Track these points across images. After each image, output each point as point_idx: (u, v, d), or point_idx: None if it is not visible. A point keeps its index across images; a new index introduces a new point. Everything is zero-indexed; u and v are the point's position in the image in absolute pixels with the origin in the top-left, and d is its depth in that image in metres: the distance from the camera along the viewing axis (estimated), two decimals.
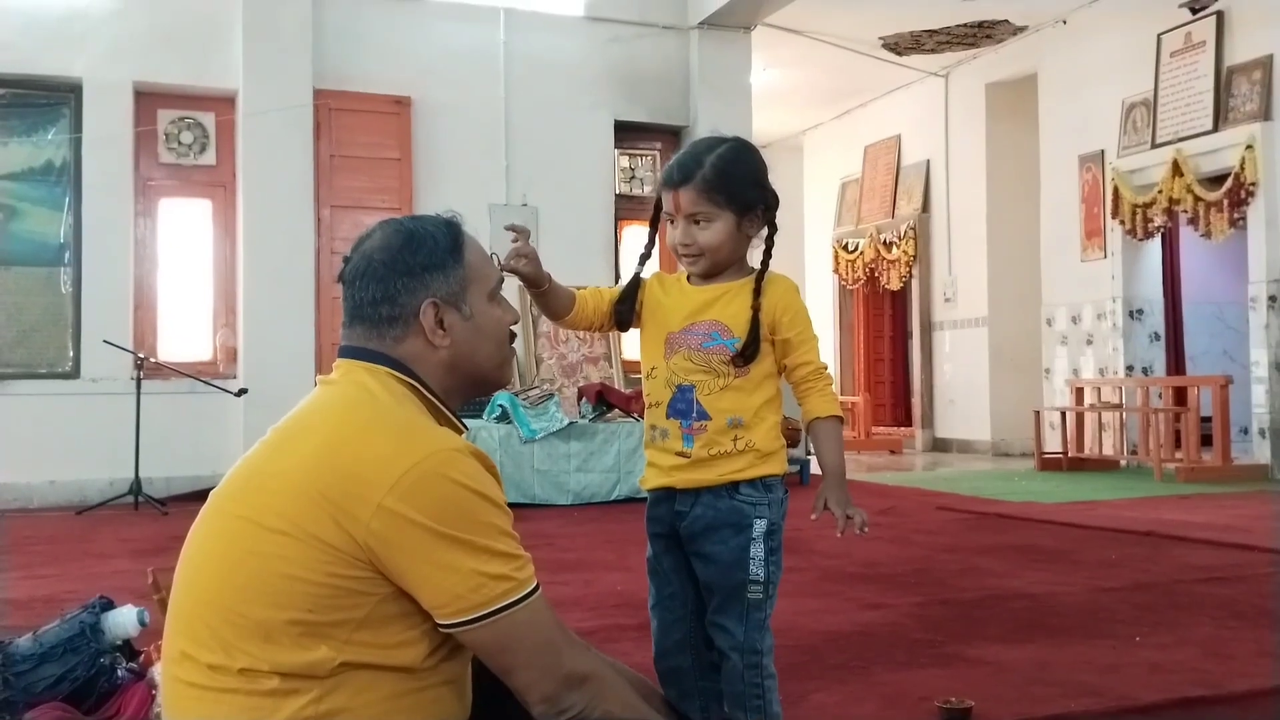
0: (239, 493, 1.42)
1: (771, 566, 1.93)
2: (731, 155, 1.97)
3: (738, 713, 1.92)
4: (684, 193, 1.94)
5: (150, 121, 7.75)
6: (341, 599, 1.33)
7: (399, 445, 1.36)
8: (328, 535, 1.33)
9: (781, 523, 1.96)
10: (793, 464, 8.19)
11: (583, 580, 4.28)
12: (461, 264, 1.54)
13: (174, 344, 7.81)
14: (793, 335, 1.97)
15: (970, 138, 11.28)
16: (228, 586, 1.35)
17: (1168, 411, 8.61)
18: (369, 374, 1.48)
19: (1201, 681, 2.75)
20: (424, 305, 1.50)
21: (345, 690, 1.34)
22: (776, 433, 1.97)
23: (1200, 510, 6.28)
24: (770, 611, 1.94)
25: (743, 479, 1.92)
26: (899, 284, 12.21)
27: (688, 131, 9.01)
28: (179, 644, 1.39)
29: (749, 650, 1.90)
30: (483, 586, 1.34)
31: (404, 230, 1.54)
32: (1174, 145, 8.73)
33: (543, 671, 1.39)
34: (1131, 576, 4.22)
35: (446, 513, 1.34)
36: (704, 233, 1.95)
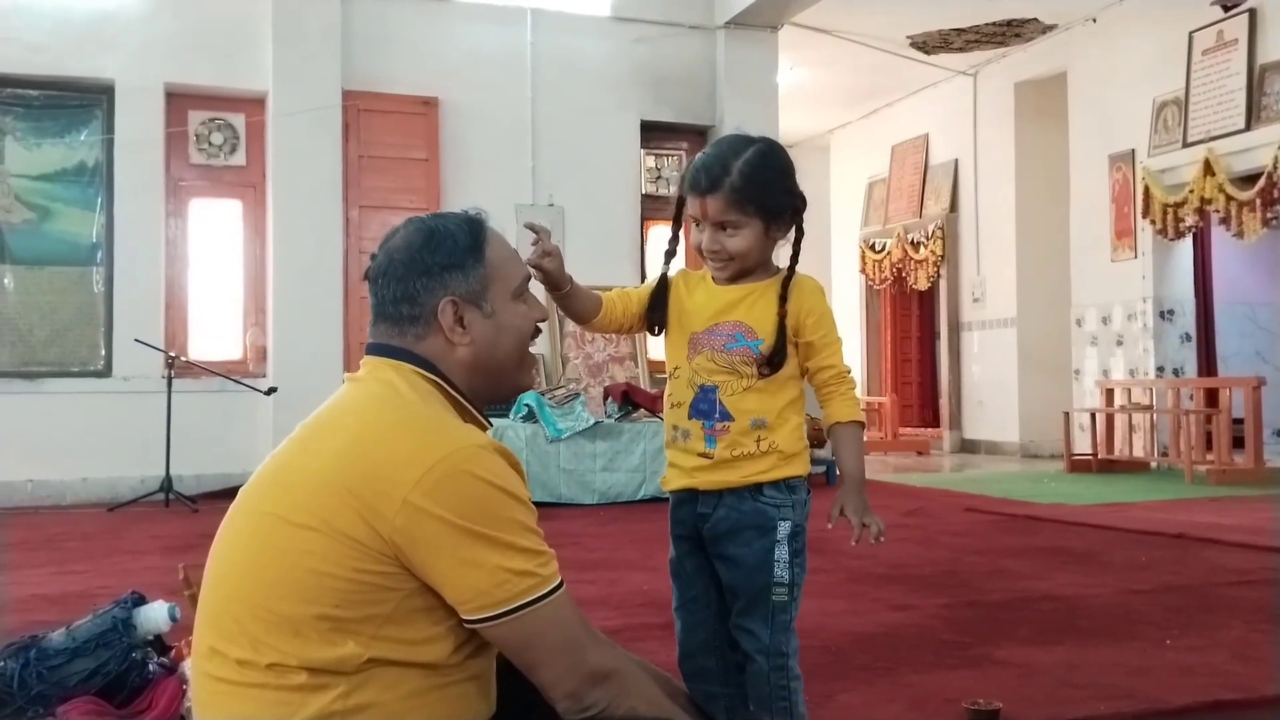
0: (267, 489, 1.44)
1: (796, 569, 1.92)
2: (759, 160, 1.92)
3: (764, 715, 1.92)
4: (711, 200, 1.91)
5: (181, 123, 7.82)
6: (368, 594, 1.34)
7: (424, 442, 1.37)
8: (355, 531, 1.34)
9: (805, 524, 1.95)
10: (818, 464, 8.17)
11: (608, 579, 4.29)
12: (482, 262, 1.54)
13: (204, 343, 7.88)
14: (816, 338, 1.95)
15: (999, 137, 11.21)
16: (256, 582, 1.37)
17: (1199, 413, 8.52)
18: (395, 371, 1.49)
19: (1232, 685, 2.72)
20: (443, 304, 1.50)
21: (372, 686, 1.35)
22: (800, 434, 1.96)
23: (1232, 513, 6.22)
24: (795, 613, 1.93)
25: (766, 480, 1.91)
26: (927, 284, 12.15)
27: (714, 131, 8.99)
28: (208, 639, 1.40)
29: (775, 653, 1.89)
30: (506, 583, 1.35)
31: (425, 229, 1.55)
32: (1206, 144, 8.64)
33: (566, 668, 1.39)
34: (1161, 579, 4.18)
35: (471, 509, 1.34)
36: (732, 240, 1.93)
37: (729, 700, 2.00)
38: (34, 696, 2.43)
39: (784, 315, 1.92)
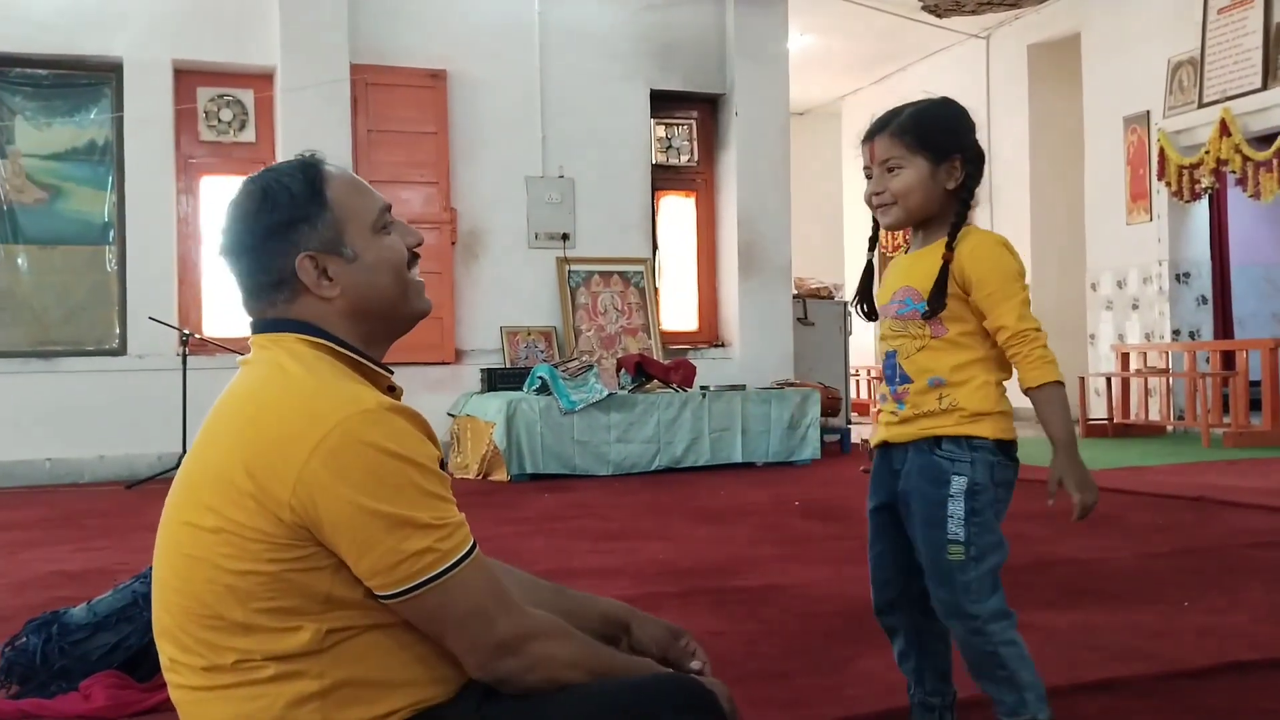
0: (179, 495, 1.40)
1: (973, 528, 1.84)
2: (930, 105, 1.96)
3: (985, 684, 1.88)
4: (878, 140, 1.92)
5: (190, 100, 7.80)
6: (296, 580, 1.30)
7: (310, 415, 1.30)
8: (259, 523, 1.29)
9: (988, 486, 1.86)
10: (832, 433, 8.17)
11: (625, 549, 4.30)
12: (326, 206, 1.44)
13: (218, 320, 7.90)
14: (982, 296, 1.86)
15: (1012, 101, 11.11)
16: (188, 596, 1.33)
17: (1215, 376, 8.48)
18: (277, 344, 1.42)
19: (1253, 645, 2.71)
20: (299, 261, 1.42)
21: (343, 661, 1.32)
22: (991, 394, 1.87)
23: (1249, 475, 6.19)
24: (980, 576, 1.84)
25: (945, 434, 1.87)
26: None
27: (724, 100, 8.93)
28: (168, 653, 1.38)
29: (964, 615, 1.85)
30: (403, 563, 1.29)
31: (257, 190, 1.45)
32: (1221, 104, 8.54)
33: (473, 641, 1.34)
34: (1180, 541, 4.17)
35: (364, 481, 1.28)
36: (895, 179, 1.90)
37: (918, 664, 1.99)
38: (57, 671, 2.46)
39: (947, 261, 1.86)
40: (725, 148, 8.97)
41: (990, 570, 1.85)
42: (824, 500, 5.71)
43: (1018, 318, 1.84)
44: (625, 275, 8.50)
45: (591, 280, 8.38)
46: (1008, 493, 1.91)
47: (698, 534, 4.74)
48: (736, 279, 8.76)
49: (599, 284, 8.40)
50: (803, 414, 7.52)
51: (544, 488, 6.34)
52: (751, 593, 3.49)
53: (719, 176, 9.07)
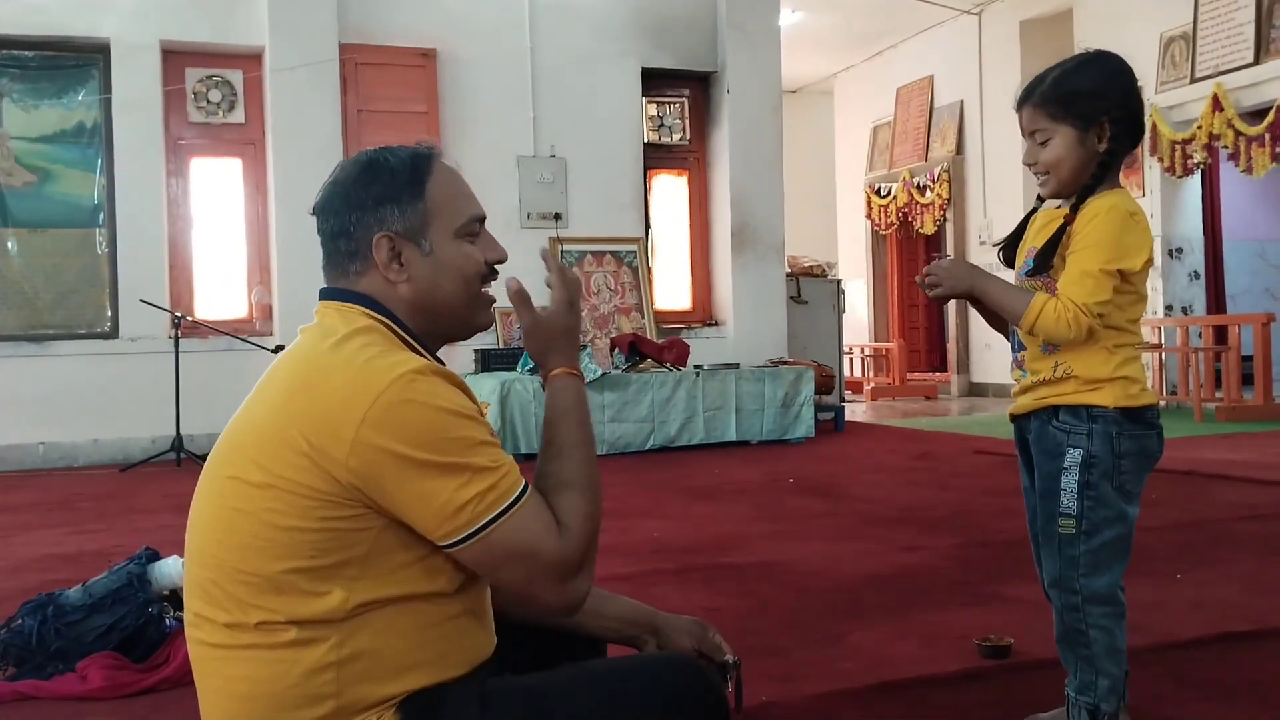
0: (225, 453, 1.42)
1: (1087, 502, 1.81)
2: (1075, 66, 1.88)
3: (1064, 652, 1.89)
4: (1024, 111, 1.89)
5: (178, 81, 7.76)
6: (340, 539, 1.33)
7: (361, 378, 1.34)
8: (312, 481, 1.32)
9: (1110, 458, 1.81)
10: (826, 411, 8.19)
11: (620, 528, 4.31)
12: (421, 197, 1.47)
13: (210, 302, 7.88)
14: (1068, 255, 1.82)
15: (1005, 77, 11.07)
16: (227, 548, 1.36)
17: (1208, 351, 8.50)
18: (339, 314, 1.46)
19: (1244, 617, 2.74)
20: (377, 239, 1.46)
21: (365, 632, 1.34)
22: (1109, 360, 1.82)
23: (1242, 449, 6.22)
24: (1090, 551, 1.81)
25: (1063, 404, 1.85)
26: (933, 228, 12.07)
27: (716, 78, 8.90)
28: (194, 607, 1.40)
29: (1065, 589, 1.84)
30: (466, 506, 1.33)
31: (364, 161, 1.51)
32: (1214, 79, 8.53)
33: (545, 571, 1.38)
34: (1172, 515, 4.19)
35: (418, 437, 1.32)
36: (1046, 151, 1.87)
37: None
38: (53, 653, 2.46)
39: (1068, 222, 1.83)
40: (717, 126, 8.94)
41: (1103, 546, 1.82)
42: (818, 478, 5.73)
43: (1068, 281, 1.80)
44: (618, 255, 8.49)
45: (584, 260, 8.37)
46: (1141, 462, 1.84)
47: (692, 512, 4.75)
48: (729, 257, 8.75)
49: (592, 264, 8.39)
50: (797, 392, 7.53)
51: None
52: (746, 569, 3.51)
53: (711, 155, 9.05)
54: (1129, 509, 1.85)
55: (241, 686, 1.35)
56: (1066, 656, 1.88)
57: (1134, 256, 1.80)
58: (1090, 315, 1.78)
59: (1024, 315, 1.82)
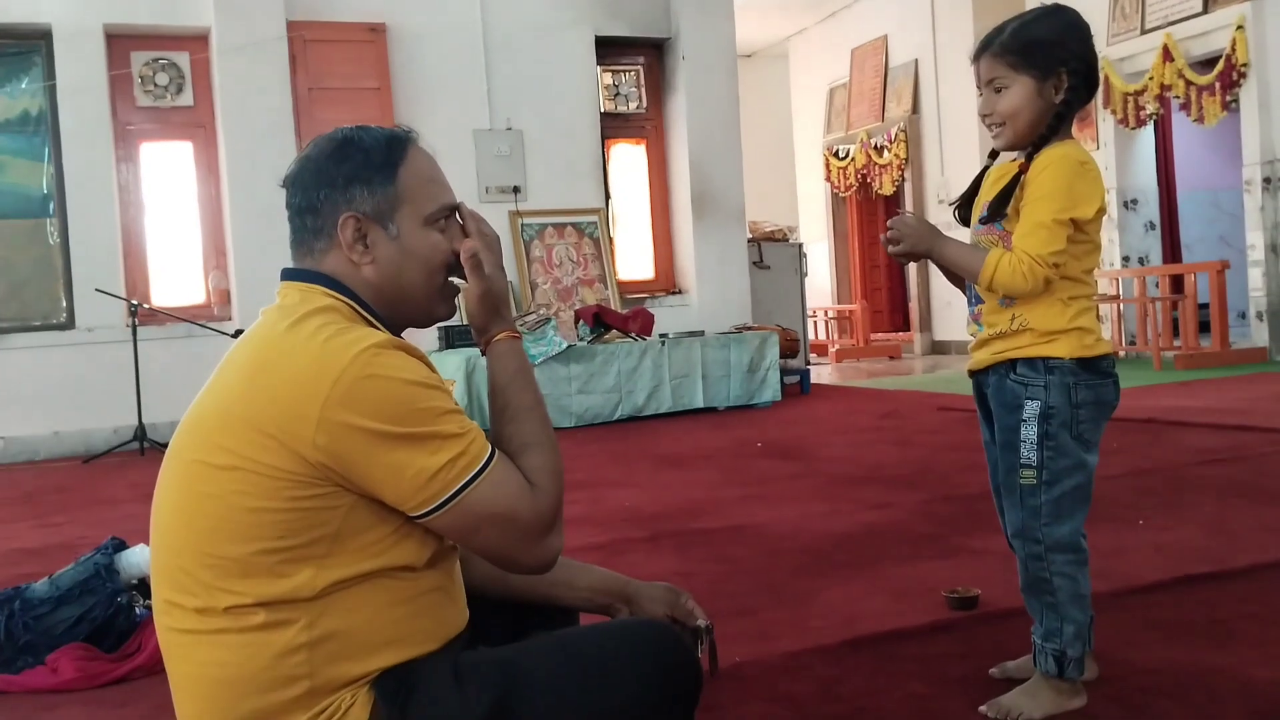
0: (188, 436, 1.41)
1: (1047, 453, 1.83)
2: (1033, 17, 1.89)
3: (1030, 601, 1.91)
4: (983, 60, 1.89)
5: (124, 65, 7.61)
6: (309, 518, 1.33)
7: (323, 355, 1.33)
8: (278, 460, 1.31)
9: (1067, 408, 1.84)
10: (791, 374, 8.23)
11: (591, 498, 4.32)
12: (393, 180, 1.46)
13: (166, 289, 7.78)
14: (1022, 206, 1.83)
15: (958, 33, 11.10)
16: (194, 532, 1.35)
17: (1165, 300, 8.61)
18: (300, 294, 1.45)
19: (1204, 558, 2.79)
20: (343, 218, 1.44)
21: (334, 612, 1.34)
22: (1064, 311, 1.85)
23: (1200, 395, 6.32)
24: (1052, 500, 1.84)
25: (1020, 357, 1.87)
26: (892, 189, 12.12)
27: (670, 44, 8.86)
28: (163, 593, 1.39)
29: (1029, 539, 1.86)
30: (438, 474, 1.33)
31: (340, 138, 1.49)
32: (1164, 30, 8.60)
33: (521, 532, 1.39)
34: (1132, 463, 4.25)
35: (384, 410, 1.32)
36: (1002, 100, 1.87)
37: None
38: (22, 647, 2.44)
39: (1022, 171, 1.84)
40: (673, 93, 8.90)
41: (1064, 495, 1.85)
42: (785, 441, 5.76)
43: (1021, 234, 1.82)
44: (579, 226, 8.46)
45: (545, 233, 8.33)
46: (1098, 411, 1.87)
47: (662, 480, 4.77)
48: (691, 225, 8.74)
49: (553, 236, 8.36)
50: (762, 357, 7.56)
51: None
52: (717, 534, 3.53)
53: (668, 122, 9.02)
54: (1088, 457, 1.88)
55: (213, 671, 1.34)
56: (1032, 605, 1.91)
57: (1085, 205, 1.82)
58: (1045, 266, 1.80)
59: (981, 272, 1.84)
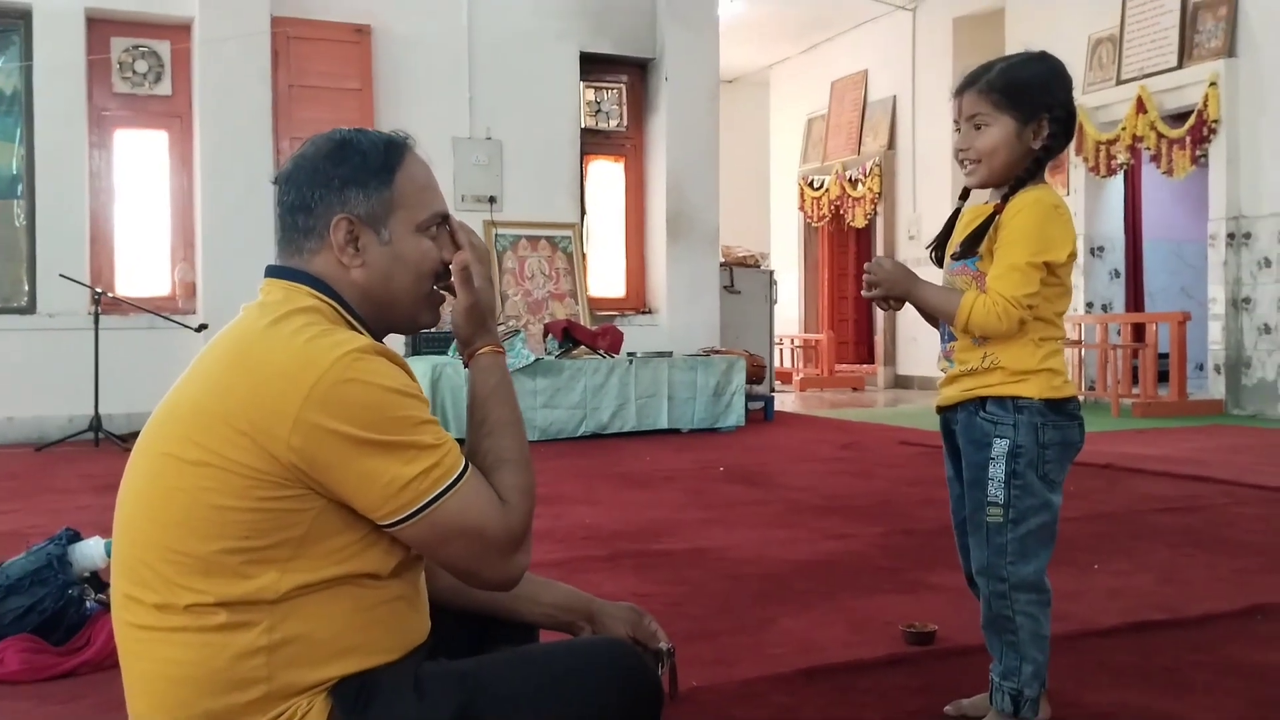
0: (159, 428, 1.39)
1: (1014, 491, 1.84)
2: (1021, 61, 1.92)
3: (991, 636, 1.91)
4: (967, 95, 1.90)
5: (103, 50, 7.54)
6: (277, 520, 1.31)
7: (304, 357, 1.32)
8: (250, 459, 1.30)
9: (1035, 449, 1.85)
10: (756, 400, 8.26)
11: (552, 514, 4.30)
12: (389, 185, 1.46)
13: (132, 278, 7.68)
14: (996, 248, 1.86)
15: (937, 73, 11.23)
16: (159, 525, 1.33)
17: (1126, 347, 8.73)
18: (284, 293, 1.44)
19: (1159, 606, 2.82)
20: (336, 220, 1.44)
21: (296, 616, 1.33)
22: (1035, 352, 1.87)
23: (1157, 443, 6.41)
24: (1018, 539, 1.85)
25: (989, 395, 1.88)
26: (864, 222, 12.22)
27: (654, 64, 8.90)
28: (122, 588, 1.37)
29: (993, 576, 1.87)
30: (411, 484, 1.33)
31: (338, 139, 1.49)
32: (1138, 81, 8.75)
33: (488, 546, 1.38)
34: (1090, 507, 4.30)
35: (363, 415, 1.31)
36: (981, 137, 1.89)
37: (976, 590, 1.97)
38: None
39: (997, 211, 1.86)
40: (655, 113, 8.94)
41: (1030, 534, 1.86)
42: (748, 466, 5.78)
43: (995, 276, 1.84)
44: (553, 240, 8.45)
45: (519, 244, 8.33)
46: (1064, 452, 1.89)
47: (624, 499, 4.77)
48: (664, 246, 8.76)
49: (526, 248, 8.35)
50: (728, 381, 7.58)
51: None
52: (677, 556, 3.53)
53: (648, 142, 9.05)
54: (1053, 497, 1.90)
55: (169, 669, 1.32)
56: (992, 642, 1.92)
57: (1058, 249, 1.85)
58: (1020, 307, 1.82)
59: (957, 314, 1.87)
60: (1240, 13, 8.15)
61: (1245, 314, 8.26)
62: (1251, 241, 8.19)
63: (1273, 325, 8.07)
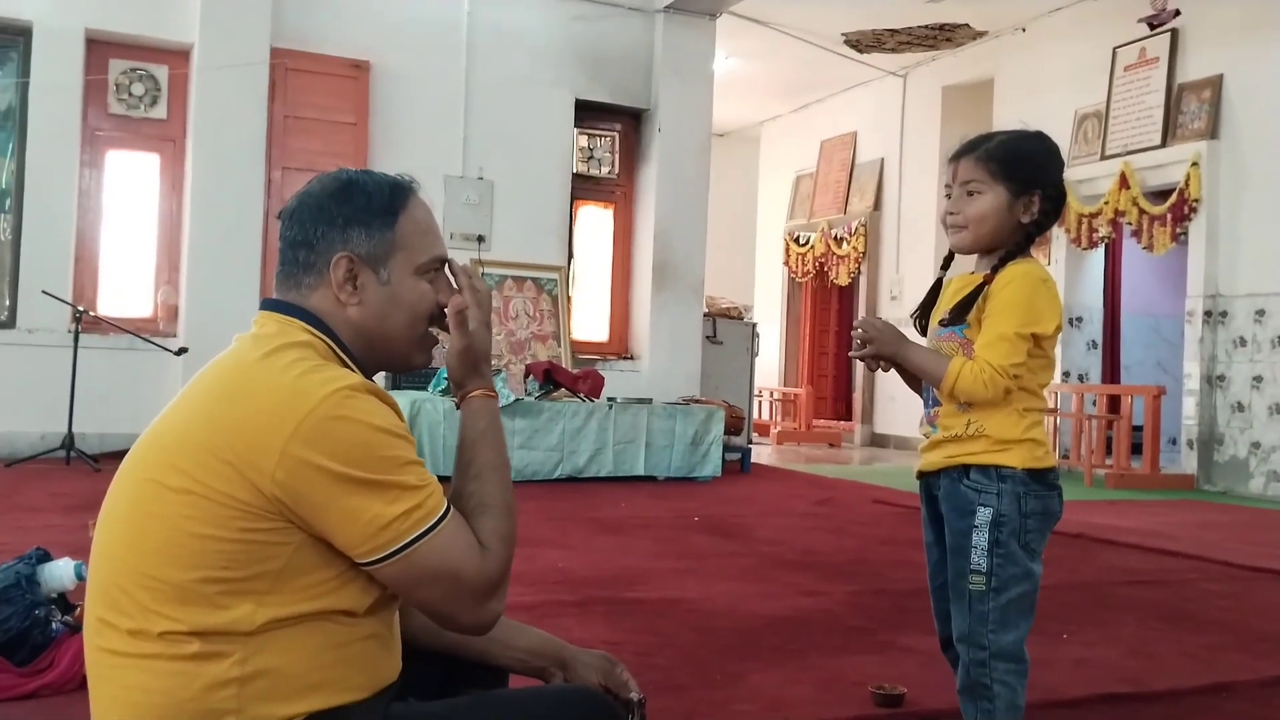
0: (145, 454, 1.39)
1: (997, 560, 1.86)
2: (1021, 136, 1.97)
3: (966, 702, 1.92)
4: (964, 161, 1.95)
5: (101, 70, 7.57)
6: (256, 552, 1.31)
7: (295, 391, 1.33)
8: (233, 489, 1.30)
9: (1017, 518, 1.87)
10: (733, 451, 8.26)
11: (524, 556, 4.27)
12: (392, 227, 1.49)
13: (114, 299, 7.65)
14: (985, 318, 1.89)
15: (925, 139, 11.41)
16: (138, 551, 1.33)
17: (1101, 418, 8.80)
18: (278, 326, 1.45)
19: (1125, 679, 2.83)
20: (337, 258, 1.46)
21: (270, 650, 1.32)
22: (1020, 422, 1.90)
23: (1128, 515, 6.44)
24: (999, 607, 1.86)
25: (973, 464, 1.90)
26: (848, 280, 12.32)
27: (648, 115, 9.00)
28: (96, 611, 1.36)
29: (973, 644, 1.88)
30: (392, 524, 1.33)
31: (344, 178, 1.51)
32: (1123, 158, 8.90)
33: (466, 590, 1.38)
34: (1060, 576, 4.31)
35: (349, 453, 1.31)
36: (972, 204, 1.93)
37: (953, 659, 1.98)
38: None
39: (987, 282, 1.89)
40: (646, 162, 9.03)
41: (1011, 602, 1.87)
42: (723, 517, 5.78)
43: (984, 345, 1.87)
44: (539, 281, 8.49)
45: (504, 284, 8.35)
46: (1044, 521, 1.91)
47: (597, 544, 4.75)
48: (649, 293, 8.81)
49: (512, 288, 8.38)
50: (706, 431, 7.59)
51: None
52: (648, 605, 3.52)
53: (638, 190, 9.13)
54: (1034, 567, 1.92)
55: (137, 696, 1.31)
56: (967, 709, 1.93)
57: (1046, 321, 1.89)
58: (1006, 376, 1.85)
59: (944, 378, 1.89)
60: (1224, 96, 8.33)
61: (1219, 391, 8.36)
62: (1228, 320, 8.31)
63: (1245, 403, 8.16)
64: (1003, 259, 1.93)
